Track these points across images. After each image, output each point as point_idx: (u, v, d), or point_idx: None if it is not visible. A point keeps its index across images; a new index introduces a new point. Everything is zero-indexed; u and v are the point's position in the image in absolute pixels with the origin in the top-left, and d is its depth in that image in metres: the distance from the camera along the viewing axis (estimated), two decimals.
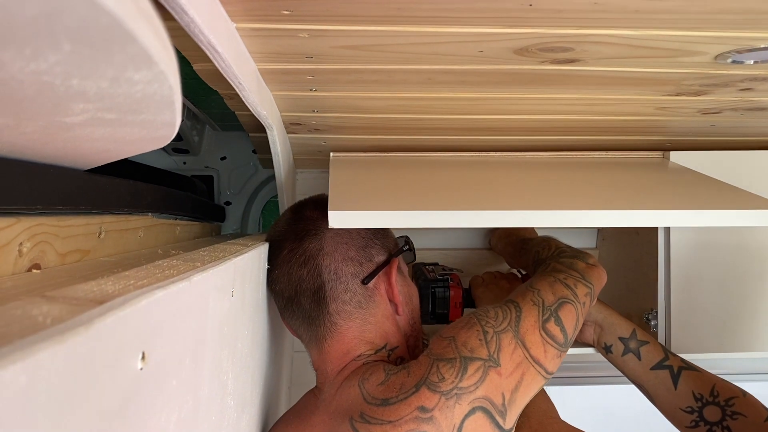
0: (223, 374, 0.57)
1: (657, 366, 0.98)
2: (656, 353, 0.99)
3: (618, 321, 1.03)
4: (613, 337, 1.03)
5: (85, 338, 0.27)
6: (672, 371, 0.97)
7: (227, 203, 1.63)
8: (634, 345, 1.01)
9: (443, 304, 1.13)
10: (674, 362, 0.98)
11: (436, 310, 1.13)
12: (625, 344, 1.02)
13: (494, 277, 1.16)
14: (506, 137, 1.07)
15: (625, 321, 1.03)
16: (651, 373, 0.99)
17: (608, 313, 1.04)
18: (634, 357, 1.00)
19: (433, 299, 1.13)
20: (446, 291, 1.13)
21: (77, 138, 0.39)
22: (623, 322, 1.03)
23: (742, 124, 1.02)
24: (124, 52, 0.22)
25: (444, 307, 1.13)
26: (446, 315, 1.13)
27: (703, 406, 0.93)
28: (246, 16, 0.54)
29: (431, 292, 1.13)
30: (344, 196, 0.83)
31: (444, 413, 0.63)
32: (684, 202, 0.85)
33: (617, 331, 1.03)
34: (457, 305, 1.13)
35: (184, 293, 0.42)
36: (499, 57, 0.66)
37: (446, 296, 1.13)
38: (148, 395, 0.36)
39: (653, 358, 0.99)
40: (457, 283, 1.15)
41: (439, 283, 1.14)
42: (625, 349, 1.01)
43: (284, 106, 0.87)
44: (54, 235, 0.54)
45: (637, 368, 1.00)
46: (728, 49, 0.64)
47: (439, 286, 1.14)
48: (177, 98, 0.32)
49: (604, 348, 1.04)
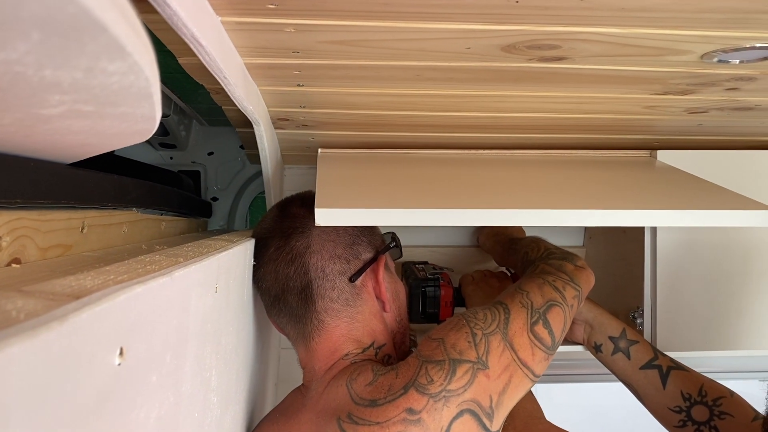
0: (207, 370, 0.56)
1: (646, 365, 0.99)
2: (646, 353, 1.00)
3: (608, 320, 1.04)
4: (603, 337, 1.03)
5: (58, 333, 0.26)
6: (661, 371, 0.98)
7: (214, 199, 1.62)
8: (623, 344, 1.01)
9: (434, 304, 1.13)
10: (663, 362, 0.99)
11: (427, 310, 1.13)
12: (614, 343, 1.02)
13: (484, 275, 1.16)
14: (495, 135, 1.07)
15: (615, 320, 1.04)
16: (640, 372, 0.99)
17: (598, 312, 1.05)
18: (623, 356, 1.01)
19: (424, 298, 1.13)
20: (437, 290, 1.13)
21: (57, 131, 0.39)
22: (613, 321, 1.04)
23: (728, 124, 1.02)
24: (95, 42, 0.22)
25: (435, 307, 1.13)
26: (437, 314, 1.13)
27: (691, 405, 0.94)
28: (231, 10, 0.54)
29: (422, 291, 1.13)
30: (331, 194, 0.82)
31: (432, 415, 0.63)
32: (670, 201, 0.86)
33: (607, 331, 1.03)
34: (448, 304, 1.13)
35: (164, 289, 0.41)
36: (486, 54, 0.65)
37: (437, 295, 1.13)
38: (126, 391, 0.35)
39: (643, 358, 1.00)
40: (447, 282, 1.15)
41: (429, 282, 1.14)
42: (614, 349, 1.02)
43: (271, 102, 0.86)
44: (35, 230, 0.53)
45: (626, 367, 1.01)
46: (714, 49, 0.64)
47: (430, 285, 1.14)
48: (155, 91, 0.31)
49: (594, 347, 1.05)
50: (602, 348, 1.03)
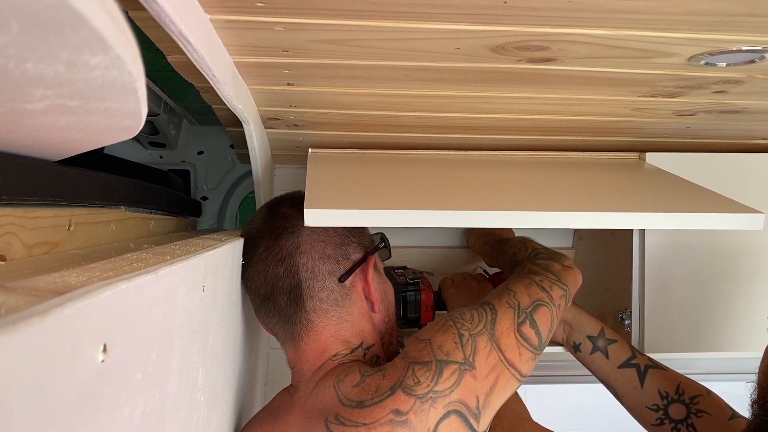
0: (193, 369, 0.56)
1: (624, 364, 0.99)
2: (624, 352, 1.00)
3: (587, 320, 1.04)
4: (582, 336, 1.04)
5: (40, 328, 0.26)
6: (639, 369, 0.98)
7: (204, 198, 1.61)
8: (602, 343, 1.02)
9: (414, 308, 1.12)
10: (641, 361, 0.99)
11: (408, 315, 1.12)
12: (593, 343, 1.03)
13: (463, 278, 1.17)
14: (484, 136, 1.07)
15: (593, 320, 1.05)
16: (618, 371, 1.00)
17: (577, 312, 1.05)
18: (602, 355, 1.01)
19: (405, 303, 1.12)
20: (417, 294, 1.12)
21: (42, 126, 0.39)
22: (592, 320, 1.04)
23: (716, 127, 1.03)
24: (76, 35, 0.22)
25: (415, 311, 1.12)
26: (418, 319, 1.12)
27: (669, 404, 0.94)
28: (220, 8, 0.54)
29: (402, 296, 1.11)
30: (321, 194, 0.82)
31: (419, 416, 0.64)
32: (658, 204, 0.86)
33: (586, 330, 1.04)
34: (429, 308, 1.12)
35: (150, 286, 0.41)
36: (475, 55, 0.66)
37: (417, 300, 1.12)
38: (110, 388, 0.35)
39: (621, 357, 1.00)
40: (427, 286, 1.14)
41: (410, 287, 1.13)
42: (593, 348, 1.02)
43: (261, 101, 0.86)
44: (20, 227, 0.53)
45: (604, 366, 1.01)
46: (701, 51, 0.65)
47: (410, 289, 1.12)
48: (140, 86, 0.31)
49: (573, 346, 1.05)
50: (581, 347, 1.04)
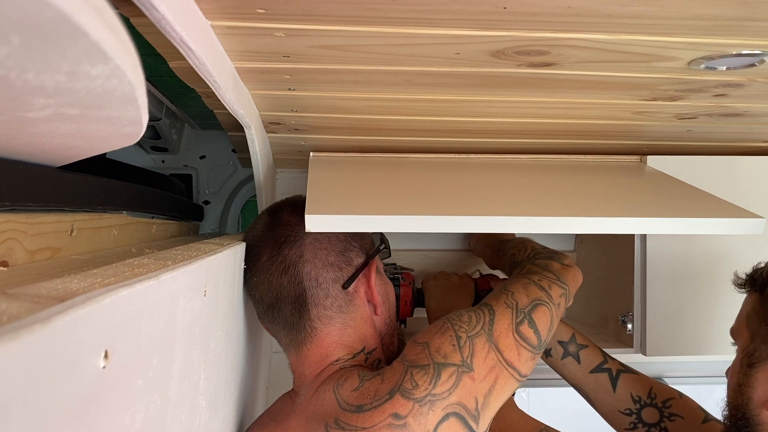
0: (195, 374, 0.56)
1: (596, 369, 0.99)
2: (595, 357, 1.00)
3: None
4: (553, 341, 1.04)
5: (41, 336, 0.26)
6: (611, 374, 0.98)
7: (206, 202, 1.62)
8: (573, 348, 1.02)
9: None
10: (613, 365, 0.99)
11: None
12: (564, 348, 1.02)
13: (446, 273, 1.17)
14: (485, 139, 1.07)
15: (564, 325, 1.05)
16: (590, 376, 1.00)
17: None
18: (573, 360, 1.01)
19: None
20: (396, 289, 1.14)
21: (44, 134, 0.39)
22: (563, 326, 1.04)
23: (717, 130, 1.03)
24: (76, 46, 0.22)
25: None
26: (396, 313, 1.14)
27: (641, 408, 0.94)
28: (221, 14, 0.54)
29: None
30: (322, 199, 0.82)
31: (418, 420, 0.64)
32: (659, 209, 0.86)
33: (557, 335, 1.04)
34: (408, 303, 1.14)
35: (151, 292, 0.41)
36: (475, 59, 0.66)
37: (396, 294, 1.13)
38: (111, 394, 0.35)
39: (592, 362, 1.00)
40: (408, 282, 1.15)
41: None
42: (564, 353, 1.02)
43: (263, 105, 0.86)
44: (23, 233, 0.53)
45: (576, 371, 1.01)
46: (701, 55, 0.65)
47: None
48: (140, 95, 0.32)
49: (544, 351, 1.05)
50: (552, 352, 1.04)
